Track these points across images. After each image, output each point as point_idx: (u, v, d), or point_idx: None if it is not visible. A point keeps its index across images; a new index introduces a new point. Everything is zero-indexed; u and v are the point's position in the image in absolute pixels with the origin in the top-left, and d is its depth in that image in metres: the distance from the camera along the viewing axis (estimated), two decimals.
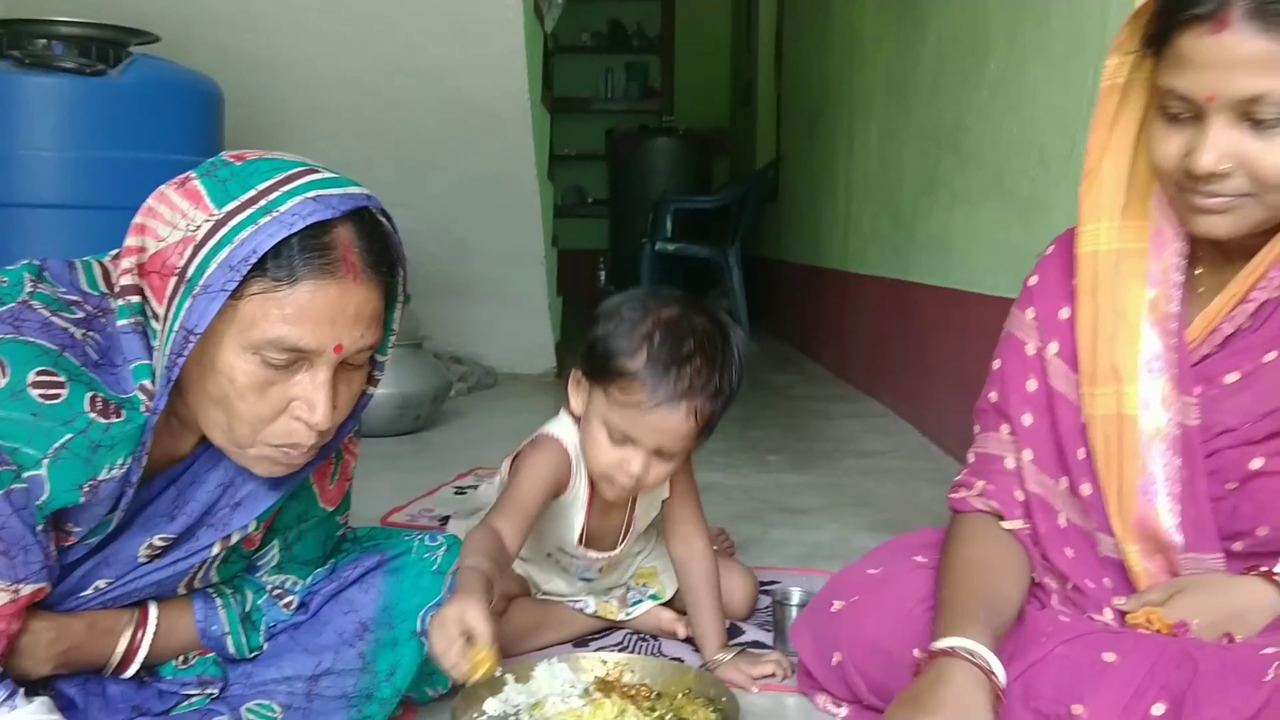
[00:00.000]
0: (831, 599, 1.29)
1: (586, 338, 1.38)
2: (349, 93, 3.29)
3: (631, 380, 1.31)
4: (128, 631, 1.09)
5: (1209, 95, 0.97)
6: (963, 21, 2.95)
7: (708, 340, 1.34)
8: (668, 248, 5.88)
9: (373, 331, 1.00)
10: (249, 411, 0.97)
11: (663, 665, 1.37)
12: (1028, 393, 1.24)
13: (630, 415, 1.32)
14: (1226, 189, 1.01)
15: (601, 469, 1.39)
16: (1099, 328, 1.13)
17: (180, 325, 0.93)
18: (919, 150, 3.36)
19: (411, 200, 3.32)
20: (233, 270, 0.92)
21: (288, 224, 0.93)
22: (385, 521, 2.23)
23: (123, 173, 2.25)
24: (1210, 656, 1.00)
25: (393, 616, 1.21)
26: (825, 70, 4.86)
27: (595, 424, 1.37)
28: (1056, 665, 1.06)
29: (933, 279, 3.19)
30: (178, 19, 2.80)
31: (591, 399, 1.38)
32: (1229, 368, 1.11)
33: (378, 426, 3.01)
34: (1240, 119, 0.98)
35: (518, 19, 3.06)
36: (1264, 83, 0.95)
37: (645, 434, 1.33)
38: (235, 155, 1.00)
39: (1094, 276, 1.14)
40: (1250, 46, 0.95)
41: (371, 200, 1.01)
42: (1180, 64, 0.99)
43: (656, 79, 8.77)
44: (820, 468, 2.82)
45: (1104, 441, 1.13)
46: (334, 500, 1.20)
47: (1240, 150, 0.99)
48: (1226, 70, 0.96)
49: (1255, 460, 1.08)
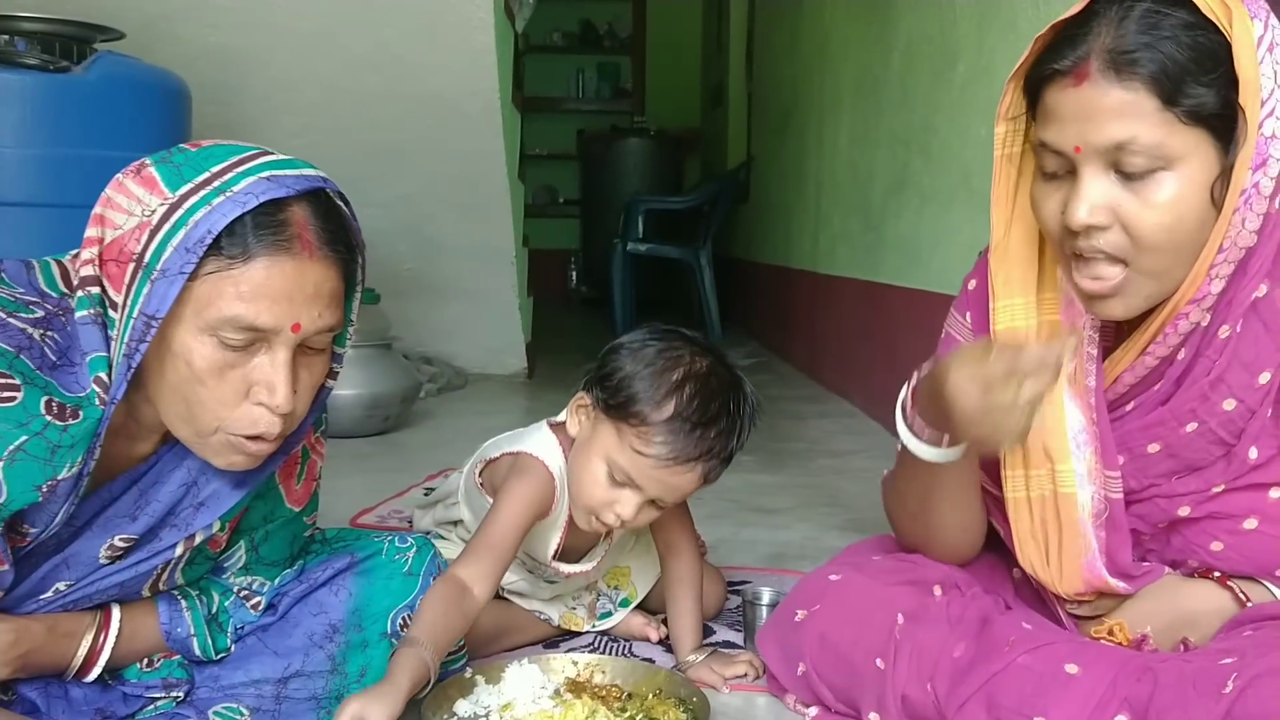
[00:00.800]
0: (795, 608, 1.29)
1: (607, 367, 1.32)
2: (317, 90, 3.27)
3: (652, 430, 1.27)
4: (89, 634, 1.08)
5: (1076, 145, 0.98)
6: (932, 24, 2.97)
7: (733, 402, 1.32)
8: (639, 248, 5.88)
9: (331, 311, 0.99)
10: (209, 396, 0.96)
11: (634, 666, 1.37)
12: None
13: (640, 463, 1.28)
14: (1105, 244, 1.00)
15: (589, 504, 1.33)
16: None
17: (140, 311, 0.92)
18: (888, 151, 3.38)
19: (381, 199, 3.31)
20: (189, 252, 0.91)
21: (241, 203, 0.93)
22: (354, 522, 2.21)
23: (87, 170, 2.21)
24: (1170, 669, 1.01)
25: (363, 618, 1.20)
26: (796, 72, 4.88)
27: (596, 459, 1.31)
28: (1019, 675, 1.06)
29: (902, 280, 3.21)
30: (143, 15, 2.77)
31: (597, 431, 1.32)
32: (1150, 439, 1.12)
33: (347, 427, 2.99)
34: (1109, 169, 0.99)
35: (488, 18, 3.05)
36: (1125, 129, 0.96)
37: (650, 484, 1.29)
38: (192, 144, 1.00)
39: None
40: (1110, 97, 0.96)
41: (327, 182, 1.00)
42: (1048, 118, 1.01)
43: (628, 79, 8.77)
44: (791, 468, 2.83)
45: (1036, 522, 1.14)
46: (301, 500, 1.19)
47: (1113, 202, 0.99)
48: (1089, 120, 0.97)
49: (1182, 508, 1.12)
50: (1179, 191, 0.97)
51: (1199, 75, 0.95)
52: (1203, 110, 0.96)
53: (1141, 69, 0.95)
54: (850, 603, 1.24)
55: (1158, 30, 0.96)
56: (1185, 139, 0.96)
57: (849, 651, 1.20)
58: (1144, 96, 0.95)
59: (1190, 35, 0.95)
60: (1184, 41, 0.95)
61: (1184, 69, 0.95)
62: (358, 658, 1.19)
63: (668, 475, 1.29)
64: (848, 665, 1.20)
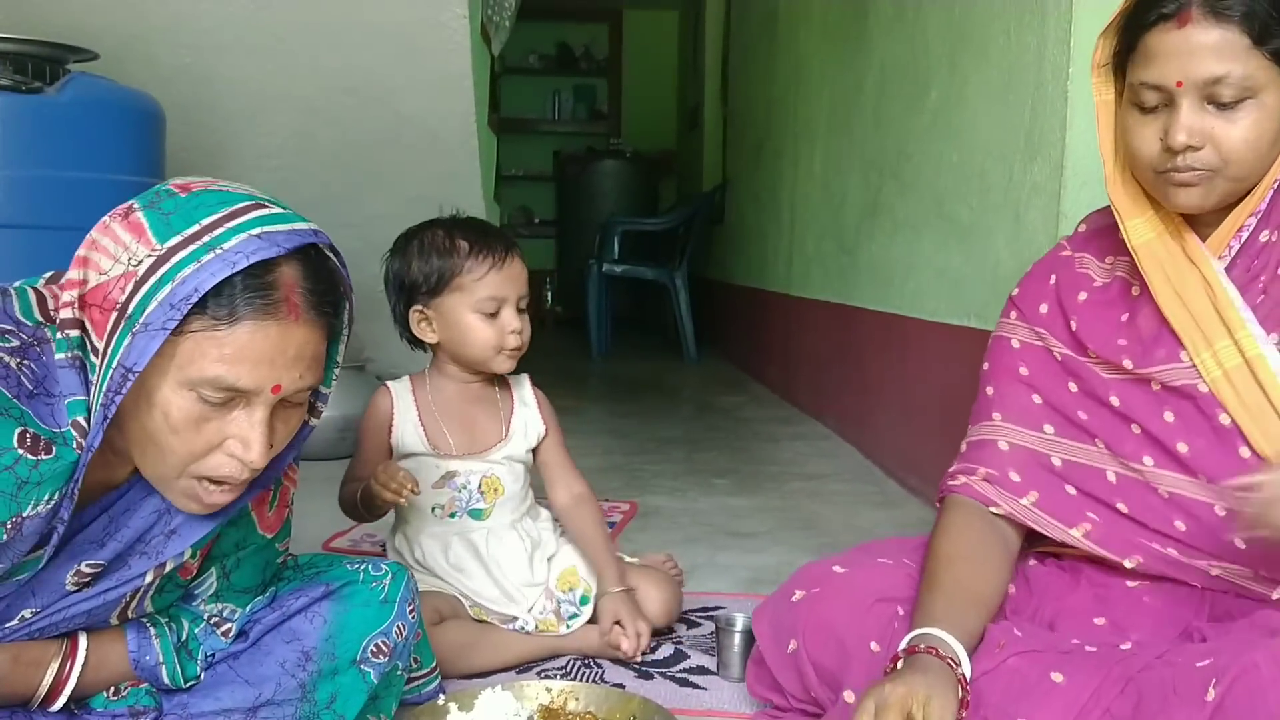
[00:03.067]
0: (794, 589, 1.31)
1: (408, 280, 1.64)
2: (292, 113, 3.26)
3: (470, 264, 1.60)
4: (55, 663, 1.06)
5: (1178, 80, 1.14)
6: (905, 51, 3.01)
7: (476, 220, 1.70)
8: (615, 269, 5.89)
9: (312, 373, 1.00)
10: (182, 447, 0.96)
11: (607, 693, 1.37)
12: (1023, 378, 1.34)
13: (490, 284, 1.60)
14: (1198, 163, 1.16)
15: (491, 346, 1.62)
16: (1187, 296, 1.21)
17: (119, 362, 0.92)
18: (861, 176, 3.41)
19: (354, 220, 3.30)
20: (173, 309, 0.90)
21: (231, 262, 0.92)
22: (327, 546, 2.20)
23: (61, 192, 2.21)
24: (1153, 679, 1.03)
25: (336, 645, 1.19)
26: (770, 96, 4.92)
27: (465, 320, 1.61)
28: (1007, 677, 1.10)
29: (874, 304, 3.24)
30: (117, 36, 2.77)
31: (443, 313, 1.62)
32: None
33: (320, 450, 2.97)
34: (1205, 101, 1.14)
35: (465, 40, 3.06)
36: (1223, 66, 1.12)
37: (507, 289, 1.61)
38: (180, 185, 0.98)
39: (1157, 257, 1.23)
40: (1209, 36, 1.12)
41: (319, 236, 1.00)
42: (1150, 59, 1.16)
43: (604, 101, 8.81)
44: (766, 491, 2.83)
45: (1242, 392, 1.17)
46: (273, 527, 1.18)
47: (1207, 128, 1.14)
48: (1190, 58, 1.13)
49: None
50: (1261, 114, 1.14)
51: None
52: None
53: (1235, 11, 1.11)
54: (851, 588, 1.27)
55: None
56: (1268, 74, 1.13)
57: (843, 633, 1.23)
58: (1237, 35, 1.11)
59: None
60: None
61: (1269, 14, 1.12)
62: (327, 685, 1.18)
63: (508, 272, 1.62)
64: (839, 645, 1.23)
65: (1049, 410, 1.32)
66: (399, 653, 1.24)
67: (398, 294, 1.67)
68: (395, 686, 1.30)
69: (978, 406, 1.39)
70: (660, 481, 2.92)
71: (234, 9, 2.88)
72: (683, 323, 5.80)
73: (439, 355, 1.70)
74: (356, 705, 1.19)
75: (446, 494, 1.67)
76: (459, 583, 1.64)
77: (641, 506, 2.61)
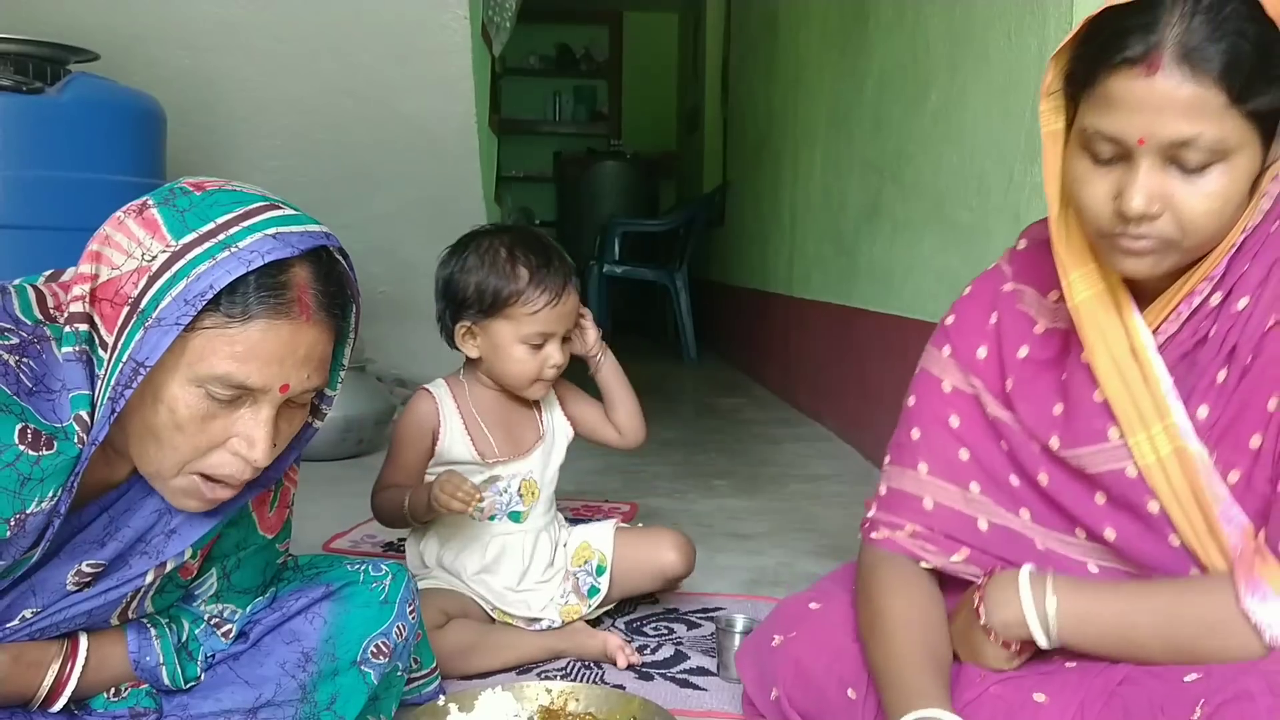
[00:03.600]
0: (773, 632, 1.29)
1: (459, 293, 1.62)
2: (293, 113, 3.26)
3: (527, 293, 1.58)
4: (55, 664, 1.06)
5: (1140, 137, 0.97)
6: (905, 53, 3.01)
7: (543, 238, 1.68)
8: (615, 270, 5.90)
9: (319, 374, 1.00)
10: (186, 444, 0.96)
11: (607, 694, 1.37)
12: (953, 429, 1.22)
13: (542, 319, 1.59)
14: (1153, 232, 1.00)
15: (529, 376, 1.63)
16: (1123, 368, 1.09)
17: (129, 357, 0.92)
18: (861, 178, 3.42)
19: (356, 221, 3.30)
20: (188, 305, 0.91)
21: (246, 261, 0.92)
22: (327, 547, 2.20)
23: (62, 192, 2.21)
24: (1139, 693, 1.01)
25: (336, 646, 1.19)
26: (771, 98, 4.93)
27: (509, 347, 1.61)
28: (991, 704, 1.07)
29: (875, 305, 3.24)
30: (118, 37, 2.77)
31: (491, 334, 1.62)
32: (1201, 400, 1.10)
33: (320, 450, 2.97)
34: (1168, 162, 0.98)
35: (465, 42, 3.06)
36: (1193, 127, 0.95)
37: (556, 324, 1.61)
38: (195, 184, 0.99)
39: (1097, 322, 1.11)
40: (1181, 91, 0.94)
41: (330, 239, 1.00)
42: (1110, 106, 0.98)
43: (605, 103, 8.82)
44: (766, 492, 2.83)
45: (1173, 481, 1.07)
46: (273, 528, 1.18)
47: (1167, 193, 0.98)
48: (1158, 114, 0.95)
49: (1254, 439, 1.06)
50: (1229, 181, 0.98)
51: (1265, 72, 0.95)
52: (1264, 107, 0.96)
53: (1213, 63, 0.93)
54: (826, 631, 1.24)
55: (1228, 23, 0.94)
56: (1242, 134, 0.96)
57: (822, 680, 1.20)
58: (1214, 93, 0.94)
59: (1256, 29, 0.94)
60: (1251, 37, 0.94)
61: (1253, 66, 0.94)
62: (327, 686, 1.18)
63: (561, 309, 1.61)
64: (819, 693, 1.20)
65: (976, 467, 1.21)
66: (399, 653, 1.24)
67: (447, 303, 1.65)
68: (395, 687, 1.30)
69: (900, 444, 1.27)
70: (659, 483, 2.92)
71: (234, 10, 2.88)
72: (683, 324, 5.80)
73: (479, 371, 1.70)
74: (357, 706, 1.19)
75: (488, 497, 1.68)
76: (484, 585, 1.65)
77: (641, 508, 2.61)
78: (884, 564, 1.23)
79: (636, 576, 1.75)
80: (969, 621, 1.15)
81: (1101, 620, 1.07)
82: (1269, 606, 0.98)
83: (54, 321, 0.98)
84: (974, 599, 1.14)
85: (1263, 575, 0.99)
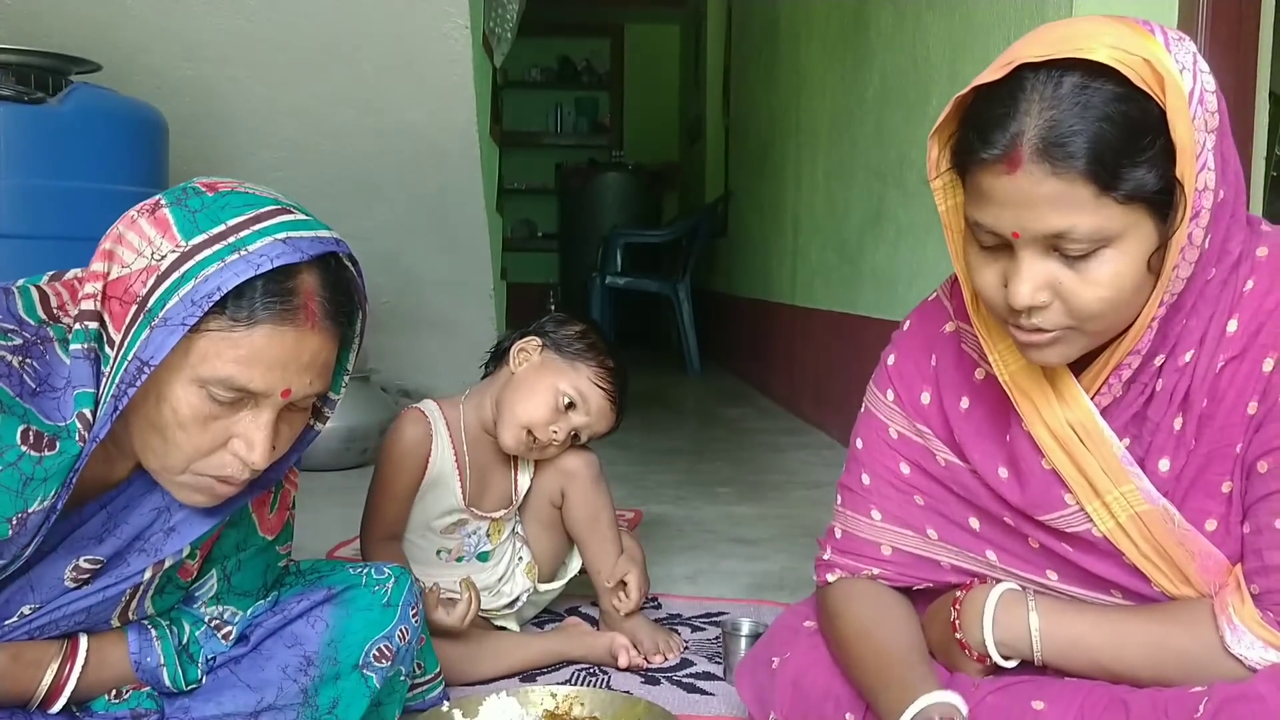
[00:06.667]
0: (770, 653, 1.27)
1: (566, 325, 1.68)
2: (295, 123, 3.27)
3: (607, 372, 1.65)
4: (55, 663, 1.06)
5: (1014, 232, 0.93)
6: (905, 60, 3.01)
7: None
8: (618, 281, 5.90)
9: (321, 380, 1.00)
10: (187, 443, 0.96)
11: (612, 698, 1.36)
12: (904, 477, 1.19)
13: (595, 394, 1.63)
14: (1046, 321, 0.96)
15: (532, 419, 1.61)
16: (1064, 444, 1.06)
17: (135, 355, 0.92)
18: (864, 185, 3.41)
19: (358, 231, 3.29)
20: (194, 305, 0.91)
21: (254, 265, 0.92)
22: (331, 555, 2.19)
23: (63, 202, 2.21)
24: (1142, 697, 1.00)
25: (338, 650, 1.18)
26: (773, 107, 4.93)
27: (551, 381, 1.62)
28: (988, 714, 1.06)
29: (879, 312, 3.23)
30: (120, 48, 2.77)
31: (548, 365, 1.64)
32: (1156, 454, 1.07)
33: (324, 460, 2.97)
34: (1049, 250, 0.94)
35: (466, 52, 3.06)
36: (1065, 220, 0.90)
37: (592, 408, 1.64)
38: (208, 184, 0.99)
39: (1030, 394, 1.07)
40: (1044, 187, 0.90)
41: (340, 245, 1.00)
42: (982, 200, 0.95)
43: (606, 114, 8.84)
44: (770, 499, 2.82)
45: (1139, 543, 1.05)
46: (273, 529, 1.18)
47: (1055, 280, 0.94)
48: (1025, 209, 0.91)
49: (1225, 484, 1.04)
50: (1118, 266, 0.93)
51: (1136, 155, 0.89)
52: (1141, 191, 0.90)
53: (1077, 159, 0.88)
54: (821, 651, 1.22)
55: (1090, 110, 0.88)
56: (1125, 218, 0.91)
57: (819, 703, 1.18)
58: (1080, 186, 0.89)
59: (1123, 110, 0.89)
60: (1117, 120, 0.88)
61: (1120, 151, 0.89)
62: (329, 689, 1.17)
63: (607, 408, 1.65)
64: (818, 717, 1.18)
65: (933, 514, 1.18)
66: (402, 657, 1.23)
67: (531, 328, 1.70)
68: (398, 692, 1.29)
69: (851, 489, 1.24)
70: (663, 490, 2.91)
71: (236, 21, 2.89)
72: (686, 335, 5.80)
73: (485, 396, 1.69)
74: (359, 710, 1.19)
75: (455, 539, 1.67)
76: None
77: (645, 515, 2.61)
78: (838, 589, 1.22)
79: (550, 487, 1.71)
80: (946, 631, 1.14)
81: (1088, 645, 1.07)
82: (1253, 649, 0.98)
83: (57, 322, 0.98)
84: (951, 612, 1.14)
85: (1241, 620, 0.99)
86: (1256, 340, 0.99)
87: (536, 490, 1.72)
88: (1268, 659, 0.97)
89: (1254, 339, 0.99)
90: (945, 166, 1.01)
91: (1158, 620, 1.05)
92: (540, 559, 1.75)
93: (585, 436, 1.67)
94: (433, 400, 1.70)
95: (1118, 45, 0.89)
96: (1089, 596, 1.11)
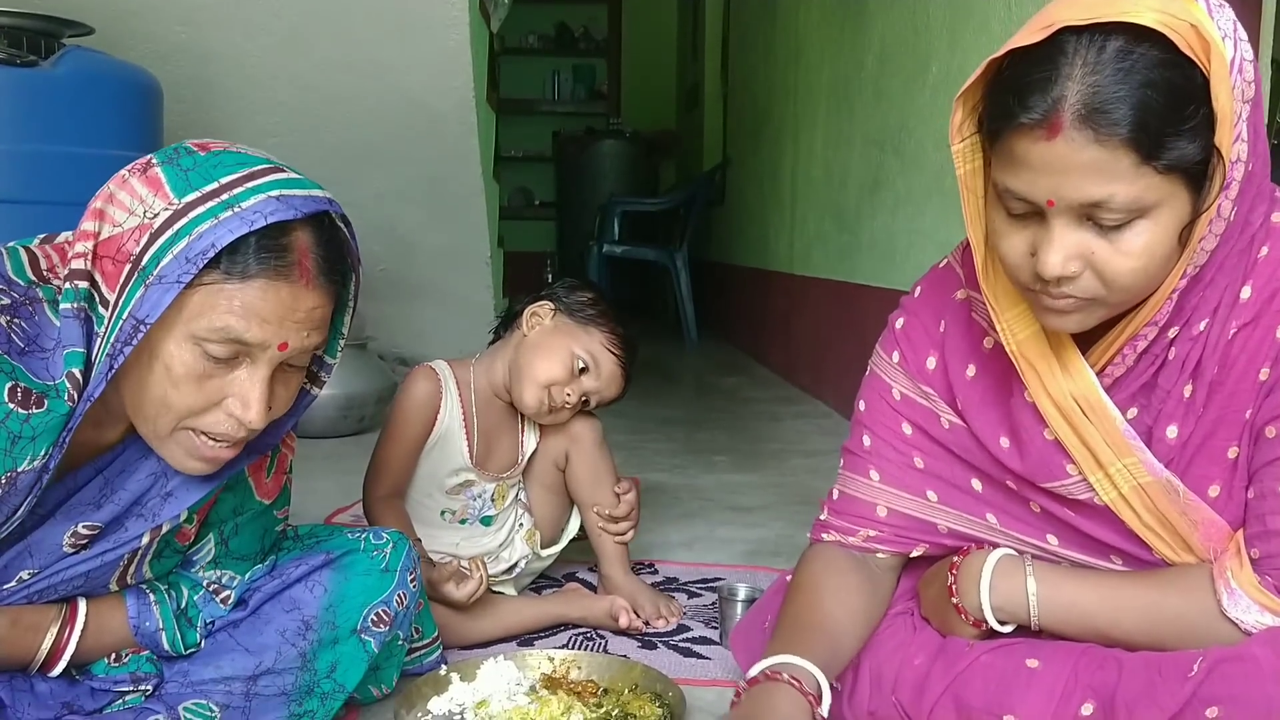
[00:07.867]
0: (764, 618, 1.28)
1: (579, 290, 1.71)
2: (290, 89, 3.24)
3: (618, 339, 1.68)
4: (54, 628, 1.06)
5: (1049, 199, 0.91)
6: (905, 26, 2.99)
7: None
8: (615, 250, 5.88)
9: (318, 333, 1.00)
10: (181, 402, 0.96)
11: (609, 662, 1.37)
12: (905, 438, 1.19)
13: (607, 358, 1.66)
14: (1075, 290, 0.95)
15: (548, 379, 1.63)
16: (1068, 411, 1.05)
17: (130, 314, 0.91)
18: (862, 153, 3.40)
19: (354, 199, 3.26)
20: (189, 263, 0.91)
21: (248, 221, 0.92)
22: (328, 522, 2.19)
23: (55, 167, 2.20)
24: (1135, 657, 1.02)
25: (336, 614, 1.19)
26: (771, 75, 4.90)
27: (566, 344, 1.64)
28: (983, 674, 1.07)
29: (877, 280, 3.23)
30: (113, 11, 2.75)
31: (561, 329, 1.66)
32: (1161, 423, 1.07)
33: (321, 427, 2.97)
34: (1082, 220, 0.92)
35: (462, 17, 3.04)
36: (1104, 189, 0.88)
37: (604, 372, 1.67)
38: (200, 144, 0.98)
39: (1035, 364, 1.06)
40: (1085, 154, 0.88)
41: (333, 204, 1.00)
42: (1015, 165, 0.92)
43: (603, 81, 8.77)
44: (767, 468, 2.83)
45: (1141, 513, 1.05)
46: (270, 493, 1.18)
47: (1087, 250, 0.93)
48: (1063, 176, 0.89)
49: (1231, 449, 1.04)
50: (1151, 237, 0.91)
51: (1179, 124, 0.87)
52: (1183, 161, 0.89)
53: (1120, 126, 0.86)
54: None
55: (1133, 75, 0.86)
56: (1162, 189, 0.89)
57: None
58: (1121, 154, 0.87)
59: (1167, 76, 0.86)
60: (1161, 87, 0.86)
61: (1164, 119, 0.86)
62: (328, 654, 1.18)
63: (618, 373, 1.68)
64: None
65: (933, 476, 1.18)
66: (400, 622, 1.24)
67: (554, 288, 1.72)
68: (396, 656, 1.30)
69: (852, 451, 1.24)
70: (658, 459, 2.92)
71: None
72: (683, 304, 5.79)
73: (495, 360, 1.70)
74: (357, 674, 1.19)
75: (460, 500, 1.67)
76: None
77: (642, 483, 2.61)
78: (818, 552, 1.23)
79: (555, 450, 1.74)
80: (942, 595, 1.15)
81: (1085, 610, 1.08)
82: (1249, 612, 0.99)
83: (47, 283, 0.98)
84: (948, 576, 1.14)
85: (1239, 584, 1.00)
86: (1270, 307, 0.99)
87: (541, 453, 1.74)
88: (1263, 623, 0.98)
89: (1267, 305, 0.99)
90: (970, 131, 0.99)
91: (1154, 585, 1.06)
92: (541, 523, 1.76)
93: (594, 402, 1.69)
94: (444, 360, 1.71)
95: (1164, 9, 0.87)
96: (1089, 561, 1.11)
